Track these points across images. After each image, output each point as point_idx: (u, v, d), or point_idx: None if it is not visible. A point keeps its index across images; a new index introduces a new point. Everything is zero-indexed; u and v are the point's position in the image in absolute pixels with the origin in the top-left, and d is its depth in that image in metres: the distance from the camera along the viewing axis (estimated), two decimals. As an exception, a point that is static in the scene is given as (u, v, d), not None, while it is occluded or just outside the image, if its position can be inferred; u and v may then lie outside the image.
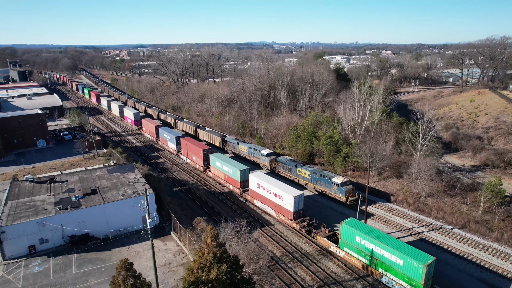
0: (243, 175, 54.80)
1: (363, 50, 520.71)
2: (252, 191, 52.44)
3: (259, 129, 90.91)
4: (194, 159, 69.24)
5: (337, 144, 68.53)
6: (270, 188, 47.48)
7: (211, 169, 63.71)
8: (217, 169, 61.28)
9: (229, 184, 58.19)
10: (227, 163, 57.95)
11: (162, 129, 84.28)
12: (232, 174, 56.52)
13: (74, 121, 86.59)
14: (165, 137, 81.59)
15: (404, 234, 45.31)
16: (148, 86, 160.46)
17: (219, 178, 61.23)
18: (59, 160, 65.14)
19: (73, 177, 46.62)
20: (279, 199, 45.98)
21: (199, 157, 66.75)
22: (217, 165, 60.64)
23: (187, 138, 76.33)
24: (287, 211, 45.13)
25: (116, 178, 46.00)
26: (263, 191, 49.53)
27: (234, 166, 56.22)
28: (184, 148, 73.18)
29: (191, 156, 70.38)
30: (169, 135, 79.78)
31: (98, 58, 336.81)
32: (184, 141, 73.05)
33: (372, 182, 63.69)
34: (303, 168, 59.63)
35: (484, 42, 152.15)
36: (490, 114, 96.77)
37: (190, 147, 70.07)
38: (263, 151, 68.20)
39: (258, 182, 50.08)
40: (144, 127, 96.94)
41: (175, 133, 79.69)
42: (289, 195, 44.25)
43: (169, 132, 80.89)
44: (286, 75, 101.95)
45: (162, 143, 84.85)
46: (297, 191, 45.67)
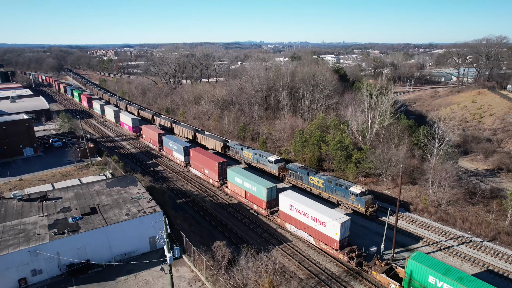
0: (270, 194, 47.89)
1: (351, 50, 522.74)
2: (283, 213, 45.14)
3: (261, 133, 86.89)
4: (207, 173, 61.45)
5: (347, 149, 65.08)
6: (308, 211, 40.83)
7: (229, 185, 55.82)
8: (236, 186, 53.58)
9: (252, 204, 50.82)
10: (249, 179, 50.54)
11: (167, 137, 76.15)
12: (256, 193, 49.38)
13: (64, 126, 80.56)
14: (171, 147, 73.48)
15: (433, 249, 41.94)
16: (139, 87, 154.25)
17: (239, 196, 53.68)
18: (49, 171, 59.54)
19: (68, 193, 41.56)
20: (320, 224, 39.41)
21: (213, 171, 59.20)
22: (237, 181, 53.16)
23: (198, 148, 68.38)
24: (330, 239, 38.79)
25: (117, 194, 41.17)
26: (298, 214, 42.54)
27: (258, 183, 49.04)
28: (195, 160, 65.02)
29: (203, 169, 62.65)
30: (175, 144, 71.84)
31: (85, 58, 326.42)
32: (195, 152, 65.05)
33: (386, 189, 60.50)
34: (316, 176, 55.82)
35: (480, 42, 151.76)
36: (495, 115, 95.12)
37: (202, 159, 62.36)
38: (271, 157, 64.13)
39: (291, 204, 43.09)
40: (144, 134, 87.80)
41: (182, 143, 71.69)
42: (334, 221, 37.76)
43: (176, 141, 72.92)
44: (286, 76, 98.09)
45: (166, 153, 76.44)
46: (342, 215, 38.94)
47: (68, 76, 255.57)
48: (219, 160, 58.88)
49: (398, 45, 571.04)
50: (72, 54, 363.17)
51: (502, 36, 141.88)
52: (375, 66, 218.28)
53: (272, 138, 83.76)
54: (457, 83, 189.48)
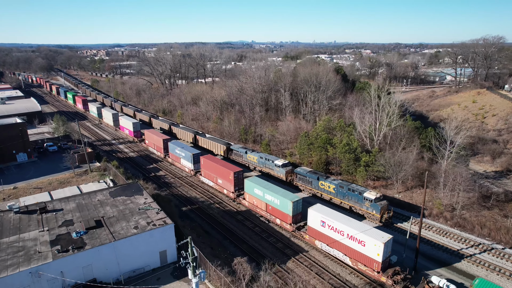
0: (295, 208, 43.82)
1: (343, 49, 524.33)
2: (312, 229, 40.90)
3: (264, 135, 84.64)
4: (221, 183, 56.55)
5: (355, 152, 63.29)
6: (344, 228, 36.98)
7: (247, 197, 50.94)
8: (255, 198, 48.98)
9: (275, 218, 46.53)
10: (271, 191, 46.08)
11: (173, 143, 70.63)
12: (280, 206, 45.13)
13: (58, 129, 77.01)
14: (178, 154, 68.20)
15: (457, 259, 40.15)
16: (133, 88, 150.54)
17: (258, 209, 49.19)
18: (45, 178, 56.34)
19: (69, 204, 38.70)
20: (359, 244, 35.65)
21: (228, 180, 54.29)
22: (256, 192, 48.54)
23: (209, 156, 62.58)
24: (370, 260, 34.99)
25: (122, 204, 38.47)
26: (330, 232, 38.58)
27: (282, 195, 44.64)
28: (206, 168, 59.99)
29: (215, 178, 57.71)
30: (182, 151, 66.52)
31: (75, 58, 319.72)
32: (206, 160, 59.63)
33: (397, 193, 58.86)
34: (327, 181, 53.82)
35: (477, 41, 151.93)
36: (497, 115, 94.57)
37: (214, 167, 57.38)
38: (278, 161, 61.94)
39: (323, 220, 39.09)
40: (147, 139, 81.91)
41: (190, 149, 66.56)
42: (375, 241, 34.00)
43: (183, 148, 67.46)
44: (287, 77, 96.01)
45: (173, 160, 71.16)
46: (384, 234, 35.08)
47: (59, 76, 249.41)
48: (234, 170, 53.81)
49: (389, 45, 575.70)
50: (62, 54, 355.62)
51: (499, 36, 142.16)
52: (371, 66, 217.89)
53: (275, 141, 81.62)
54: (452, 83, 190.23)
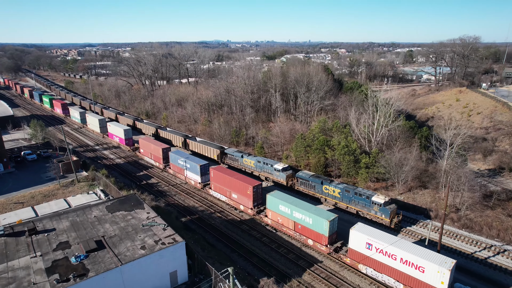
0: (332, 227, 39.21)
1: (319, 49, 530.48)
2: (355, 252, 36.38)
3: (256, 138, 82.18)
4: (236, 198, 50.84)
5: (354, 153, 62.14)
6: (397, 252, 32.74)
7: (270, 214, 45.76)
8: (281, 215, 44.01)
9: (306, 238, 41.55)
10: (301, 209, 41.33)
11: (175, 153, 63.66)
12: (312, 225, 40.33)
13: (36, 135, 70.92)
14: (181, 165, 61.42)
15: (474, 263, 39.34)
16: (112, 89, 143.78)
17: (284, 228, 44.02)
18: (26, 191, 51.16)
19: (62, 223, 34.58)
20: (416, 269, 31.67)
21: (246, 196, 48.78)
22: (282, 209, 43.53)
23: (219, 167, 56.54)
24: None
25: (123, 220, 34.82)
26: (379, 255, 34.24)
27: (316, 213, 40.08)
28: (217, 181, 53.86)
29: (229, 193, 52.02)
30: (187, 162, 59.36)
31: (45, 58, 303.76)
32: (217, 172, 53.44)
33: (398, 195, 58.15)
34: (331, 186, 52.13)
35: (454, 41, 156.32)
36: (482, 113, 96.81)
37: (228, 181, 51.49)
38: (277, 165, 59.68)
39: (369, 242, 34.77)
40: (142, 148, 73.89)
41: (197, 160, 59.69)
42: (438, 267, 30.20)
43: (188, 158, 60.27)
44: (278, 77, 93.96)
45: (174, 172, 64.15)
46: (446, 258, 31.32)
47: (28, 77, 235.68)
48: (253, 183, 48.12)
49: (363, 44, 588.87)
50: (30, 54, 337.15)
51: (475, 36, 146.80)
52: (351, 65, 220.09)
53: (268, 143, 79.43)
54: (428, 81, 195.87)
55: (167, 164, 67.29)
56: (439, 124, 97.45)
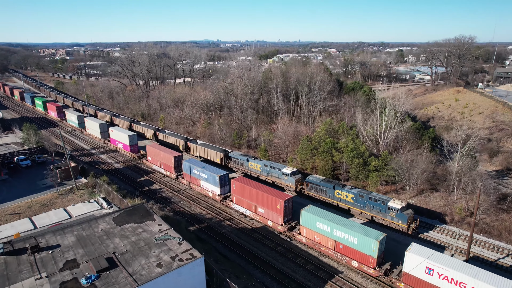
0: (381, 248, 35.62)
1: (309, 48, 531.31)
2: (411, 277, 32.45)
3: (259, 140, 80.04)
4: (263, 213, 46.36)
5: (363, 156, 60.57)
6: (466, 280, 28.72)
7: (304, 231, 41.58)
8: (318, 233, 39.97)
9: (349, 259, 37.53)
10: (343, 226, 37.46)
11: (189, 162, 58.44)
12: (358, 246, 36.40)
13: (30, 140, 67.27)
14: (196, 175, 56.50)
15: (499, 272, 37.90)
16: (105, 90, 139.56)
17: (322, 247, 39.82)
18: (22, 200, 47.93)
19: (67, 237, 31.85)
20: None
21: (276, 211, 44.34)
22: (320, 227, 39.62)
23: (241, 178, 51.57)
24: None
25: (133, 234, 32.26)
26: (443, 282, 30.20)
27: (362, 233, 36.13)
28: (239, 193, 49.17)
29: (254, 207, 47.39)
30: (204, 171, 54.73)
31: (33, 58, 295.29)
32: (239, 184, 48.78)
33: (409, 198, 56.77)
34: (344, 190, 50.36)
35: (449, 41, 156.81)
36: (483, 113, 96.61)
37: (253, 193, 46.89)
38: (286, 169, 57.64)
39: (430, 266, 30.82)
40: (150, 156, 68.14)
41: (216, 170, 54.91)
42: None
43: (204, 167, 55.35)
44: (279, 77, 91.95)
45: (188, 181, 59.11)
46: None
47: (15, 78, 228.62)
48: (284, 197, 43.93)
49: (353, 44, 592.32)
50: (17, 54, 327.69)
51: (471, 36, 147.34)
52: (345, 65, 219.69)
53: (271, 145, 77.43)
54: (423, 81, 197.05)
55: (179, 173, 62.42)
56: (441, 124, 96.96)
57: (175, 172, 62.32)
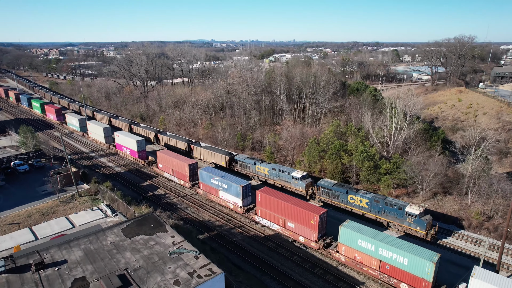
0: (437, 269, 32.04)
1: (304, 48, 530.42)
2: None
3: (263, 142, 78.10)
4: (293, 228, 42.31)
5: (373, 159, 58.91)
6: None
7: (343, 249, 37.61)
8: (359, 252, 36.14)
9: (398, 282, 33.72)
10: (391, 245, 33.45)
11: (206, 170, 53.80)
12: (408, 267, 32.64)
13: (27, 143, 64.43)
14: (215, 185, 52.28)
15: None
16: (102, 91, 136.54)
17: (364, 266, 36.16)
18: (21, 208, 45.35)
19: (73, 252, 29.55)
20: None
21: (309, 226, 40.42)
22: (362, 245, 35.63)
23: (267, 189, 46.36)
24: None
25: (145, 247, 30.07)
26: None
27: (413, 252, 32.17)
28: (265, 205, 44.93)
29: (283, 221, 43.24)
30: (223, 181, 50.47)
31: (26, 58, 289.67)
32: (265, 196, 44.58)
33: (422, 202, 55.24)
34: (358, 195, 48.65)
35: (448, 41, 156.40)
36: (488, 113, 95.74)
37: (283, 207, 42.64)
38: (295, 173, 55.74)
39: None
40: (160, 163, 63.60)
41: (237, 180, 50.55)
42: None
43: (223, 177, 51.10)
44: (282, 78, 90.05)
45: (205, 192, 54.73)
46: None
47: (8, 78, 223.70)
48: (318, 211, 39.98)
49: (348, 43, 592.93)
50: (8, 53, 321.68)
51: (471, 36, 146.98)
52: (344, 65, 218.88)
53: (277, 147, 75.56)
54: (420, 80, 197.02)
55: (194, 182, 58.03)
56: (446, 125, 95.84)
57: (189, 181, 58.03)
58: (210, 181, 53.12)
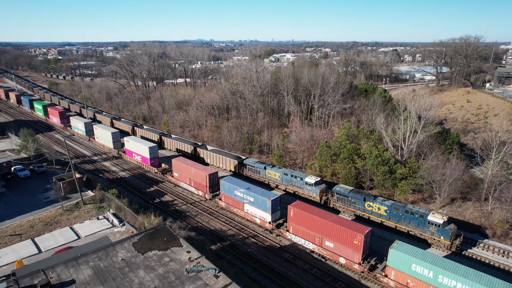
0: None
1: (304, 48, 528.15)
2: None
3: (272, 145, 75.87)
4: (332, 247, 38.38)
5: (388, 163, 56.76)
6: None
7: (392, 273, 33.69)
8: (413, 278, 32.12)
9: None
10: (454, 273, 29.39)
11: (228, 181, 49.49)
12: None
13: (27, 146, 61.92)
14: (240, 197, 47.78)
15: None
16: (103, 91, 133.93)
17: None
18: (23, 218, 42.90)
19: (81, 271, 27.23)
20: None
21: (351, 246, 36.44)
22: (418, 271, 31.73)
23: (301, 204, 42.19)
24: None
25: (159, 264, 27.76)
26: None
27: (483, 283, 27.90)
28: (300, 222, 40.85)
29: (320, 239, 39.24)
30: (250, 194, 46.07)
31: (25, 58, 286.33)
32: (299, 211, 40.48)
33: (439, 208, 53.09)
34: (376, 202, 46.49)
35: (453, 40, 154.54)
36: (499, 115, 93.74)
37: (320, 224, 38.72)
38: (309, 179, 53.50)
39: None
40: (176, 171, 59.17)
41: (264, 192, 46.19)
42: None
43: (249, 189, 46.79)
44: (290, 78, 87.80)
45: (228, 204, 50.47)
46: None
47: (6, 78, 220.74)
48: (363, 230, 35.99)
49: (347, 43, 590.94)
50: (7, 53, 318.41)
51: (477, 36, 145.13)
52: (346, 65, 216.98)
53: (285, 150, 73.32)
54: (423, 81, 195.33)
55: (215, 193, 53.71)
56: (456, 127, 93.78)
57: (209, 192, 53.48)
58: (234, 193, 48.70)
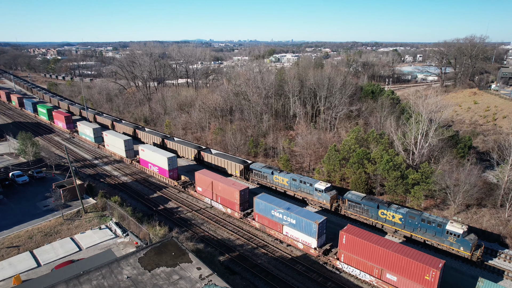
0: None
1: (304, 48, 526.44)
2: None
3: (277, 148, 73.90)
4: (395, 281, 33.31)
5: (400, 168, 54.81)
6: None
7: None
8: None
9: None
10: None
11: (265, 199, 44.14)
12: None
13: (27, 151, 59.80)
14: (278, 218, 42.61)
15: None
16: (103, 92, 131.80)
17: None
18: (21, 228, 40.79)
19: (84, 289, 25.19)
20: None
21: (421, 282, 31.36)
22: None
23: (353, 228, 36.96)
24: None
25: (168, 282, 25.73)
26: None
27: None
28: (353, 250, 35.77)
29: (380, 271, 34.26)
30: (291, 216, 40.86)
31: (23, 58, 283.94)
32: (354, 238, 35.32)
33: (454, 215, 51.19)
34: (390, 210, 44.53)
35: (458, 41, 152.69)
36: (508, 117, 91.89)
37: (379, 253, 33.73)
38: (319, 185, 51.52)
39: None
40: (200, 186, 52.94)
41: (309, 214, 40.76)
42: None
43: (289, 209, 41.46)
44: (295, 80, 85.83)
45: (262, 225, 44.93)
46: None
47: (5, 78, 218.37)
48: (436, 264, 30.79)
49: (347, 43, 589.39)
50: (6, 53, 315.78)
51: (482, 37, 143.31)
52: (348, 65, 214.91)
53: (292, 154, 71.36)
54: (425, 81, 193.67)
55: (246, 211, 47.94)
56: (464, 129, 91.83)
57: (240, 211, 47.51)
58: (271, 213, 43.34)
